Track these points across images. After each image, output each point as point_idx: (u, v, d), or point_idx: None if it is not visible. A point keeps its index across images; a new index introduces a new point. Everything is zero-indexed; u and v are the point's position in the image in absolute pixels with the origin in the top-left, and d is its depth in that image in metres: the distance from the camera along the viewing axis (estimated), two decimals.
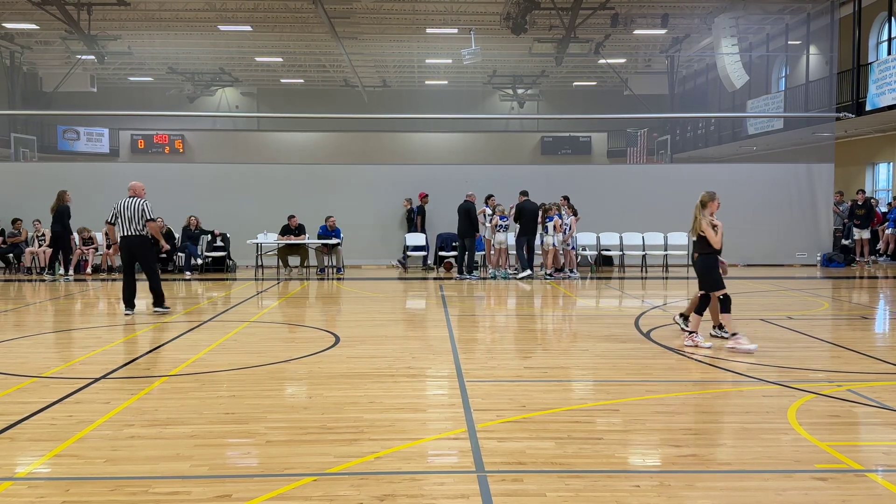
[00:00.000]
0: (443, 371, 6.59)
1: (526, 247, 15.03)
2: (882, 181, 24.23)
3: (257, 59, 31.45)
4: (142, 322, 9.51)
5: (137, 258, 10.16)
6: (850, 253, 18.19)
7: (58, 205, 15.01)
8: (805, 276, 15.59)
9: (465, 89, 36.10)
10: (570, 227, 15.26)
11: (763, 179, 18.28)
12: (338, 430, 4.82)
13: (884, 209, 20.01)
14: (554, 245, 15.00)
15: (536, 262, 15.38)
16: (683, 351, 7.37)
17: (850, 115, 19.02)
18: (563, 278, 14.91)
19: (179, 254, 16.73)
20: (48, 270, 15.58)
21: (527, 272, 14.68)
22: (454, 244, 16.34)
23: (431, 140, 35.08)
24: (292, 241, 16.23)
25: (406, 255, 17.34)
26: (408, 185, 18.15)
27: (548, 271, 15.03)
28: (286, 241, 16.23)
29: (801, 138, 22.38)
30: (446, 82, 35.25)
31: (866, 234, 18.08)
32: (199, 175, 18.82)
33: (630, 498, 3.74)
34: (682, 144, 31.65)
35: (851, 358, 7.18)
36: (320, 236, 16.42)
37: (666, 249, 17.02)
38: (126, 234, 10.00)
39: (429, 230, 17.52)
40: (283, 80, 36.05)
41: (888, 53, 20.20)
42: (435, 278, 15.48)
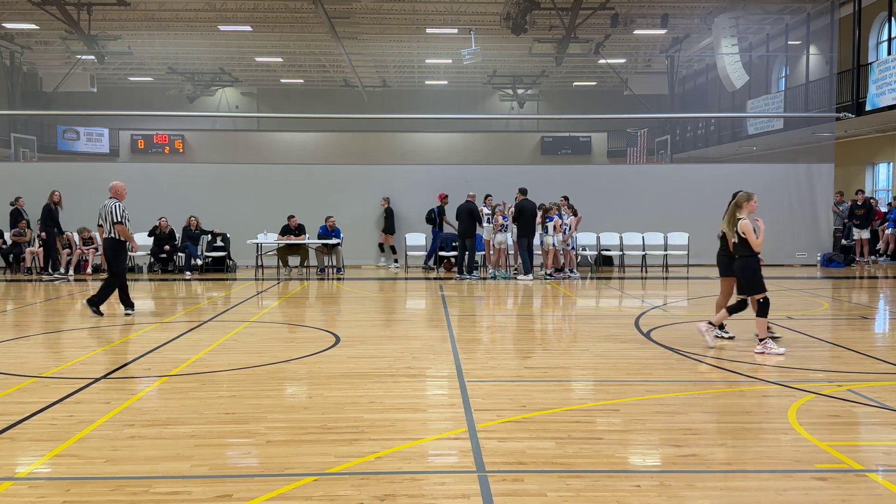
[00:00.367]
0: (443, 371, 6.59)
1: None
2: (882, 181, 24.23)
3: (257, 59, 31.44)
4: (142, 322, 9.51)
5: (107, 259, 10.17)
6: (850, 253, 18.20)
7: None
8: (805, 276, 15.59)
9: (465, 89, 36.09)
10: (569, 228, 15.27)
11: (763, 179, 18.24)
12: (338, 430, 4.82)
13: (884, 209, 20.02)
14: (554, 245, 15.01)
15: (536, 262, 15.37)
16: (689, 354, 7.36)
17: (850, 115, 19.01)
18: (563, 278, 14.91)
19: (179, 254, 16.72)
20: (46, 271, 15.58)
21: (529, 276, 14.64)
22: (454, 244, 16.33)
23: (431, 140, 35.06)
24: (292, 242, 16.24)
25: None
26: (407, 184, 18.16)
27: (548, 271, 15.03)
28: (286, 241, 16.23)
29: (801, 138, 22.38)
30: (446, 82, 35.25)
31: (866, 235, 18.08)
32: (199, 175, 18.83)
33: (630, 498, 3.74)
34: (681, 144, 31.65)
35: (851, 358, 7.19)
36: (320, 236, 16.42)
37: (666, 249, 17.02)
38: (106, 234, 9.97)
39: (429, 230, 17.50)
40: (282, 80, 36.04)
41: (888, 53, 20.20)
42: (435, 278, 15.49)
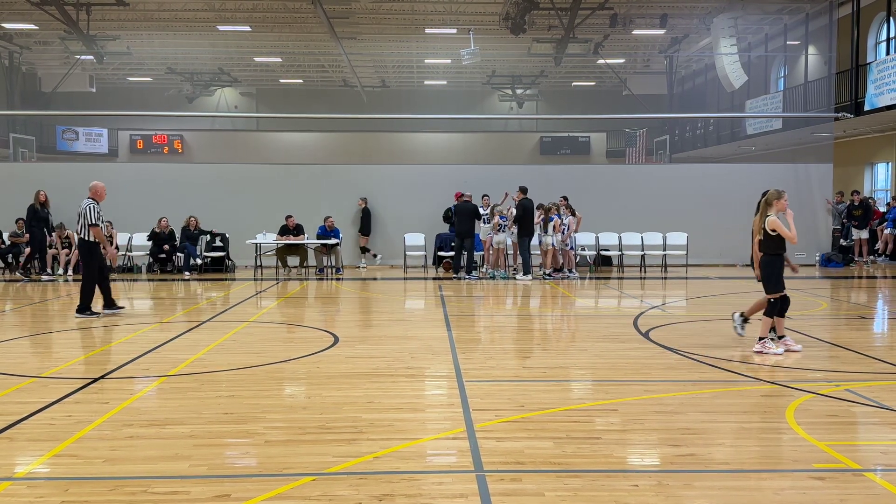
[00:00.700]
0: (441, 371, 6.60)
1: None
2: (881, 181, 24.24)
3: (256, 59, 31.44)
4: (141, 322, 9.51)
5: (81, 260, 10.16)
6: (849, 253, 18.21)
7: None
8: (804, 276, 15.59)
9: (464, 89, 36.11)
10: (568, 228, 15.27)
11: (762, 179, 18.11)
12: (336, 430, 4.82)
13: (882, 209, 20.02)
14: (553, 245, 15.01)
15: (535, 262, 15.38)
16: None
17: (849, 115, 19.03)
18: (562, 278, 14.92)
19: (178, 254, 16.72)
20: (45, 270, 15.58)
21: (528, 277, 14.65)
22: (452, 244, 16.32)
23: (430, 140, 35.07)
24: (291, 242, 16.23)
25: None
26: (407, 185, 18.15)
27: (547, 271, 15.03)
28: (285, 241, 16.23)
29: (799, 138, 22.40)
30: (445, 82, 35.26)
31: (865, 235, 18.09)
32: (197, 175, 18.81)
33: (628, 497, 3.74)
34: (680, 145, 31.66)
35: (849, 358, 7.19)
36: (319, 236, 16.42)
37: (665, 249, 17.03)
38: (80, 235, 9.92)
39: (428, 230, 17.50)
40: (281, 81, 36.06)
41: (887, 53, 20.21)
42: (434, 278, 15.49)
